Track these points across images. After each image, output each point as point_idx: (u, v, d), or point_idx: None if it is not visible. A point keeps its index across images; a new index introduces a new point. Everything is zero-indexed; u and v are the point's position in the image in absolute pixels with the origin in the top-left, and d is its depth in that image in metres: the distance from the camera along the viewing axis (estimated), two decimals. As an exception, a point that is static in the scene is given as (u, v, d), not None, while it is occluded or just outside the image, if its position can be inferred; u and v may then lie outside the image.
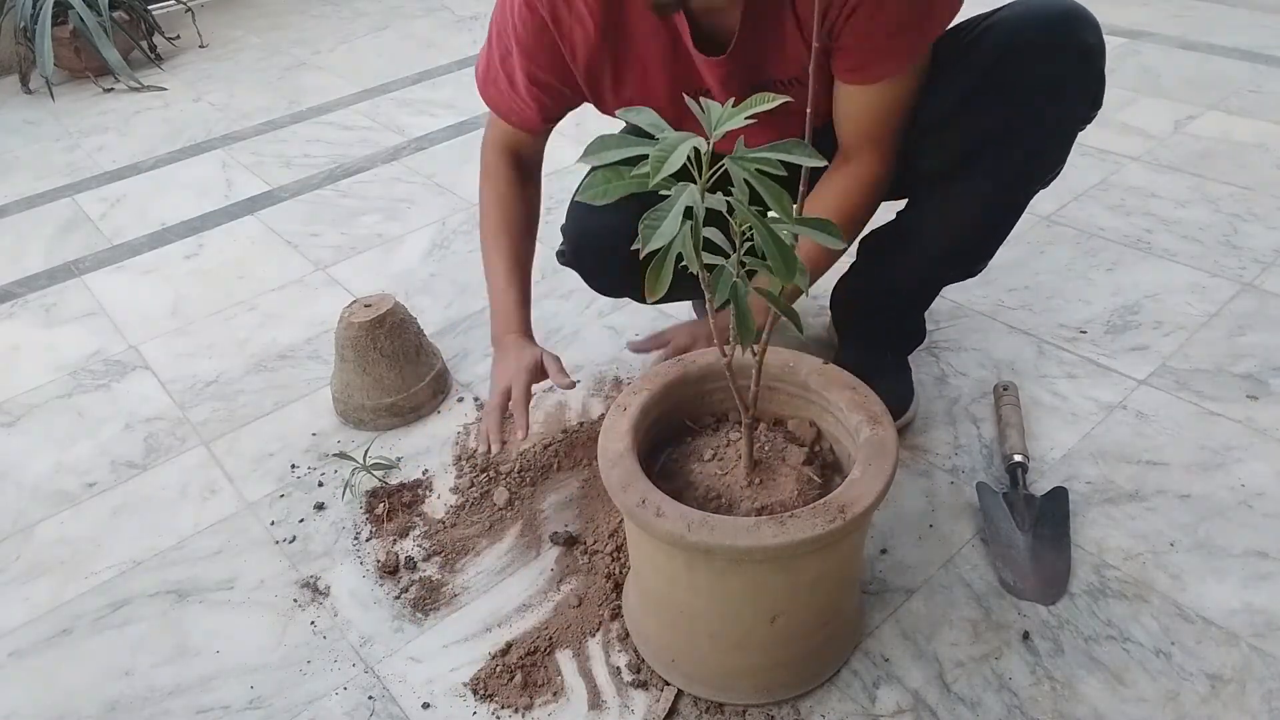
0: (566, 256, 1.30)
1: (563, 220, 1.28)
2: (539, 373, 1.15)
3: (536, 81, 1.10)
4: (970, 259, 1.22)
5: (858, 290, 1.29)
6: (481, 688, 1.01)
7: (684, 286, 0.78)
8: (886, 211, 1.20)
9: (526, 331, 1.21)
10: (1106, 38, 1.02)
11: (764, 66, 1.03)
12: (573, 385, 1.14)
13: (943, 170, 1.09)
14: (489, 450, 1.12)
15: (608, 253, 1.13)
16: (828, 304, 1.41)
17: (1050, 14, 1.01)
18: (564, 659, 1.04)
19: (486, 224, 1.24)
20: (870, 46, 0.98)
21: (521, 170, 1.24)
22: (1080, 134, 1.08)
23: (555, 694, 1.01)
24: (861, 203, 1.10)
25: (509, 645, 1.06)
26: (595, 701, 0.99)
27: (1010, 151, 1.06)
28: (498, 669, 1.03)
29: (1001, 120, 1.04)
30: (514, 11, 1.06)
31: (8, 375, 1.61)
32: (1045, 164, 1.10)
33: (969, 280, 1.30)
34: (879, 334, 1.31)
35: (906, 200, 1.19)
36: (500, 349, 1.20)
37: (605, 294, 1.35)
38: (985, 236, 1.18)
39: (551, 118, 1.17)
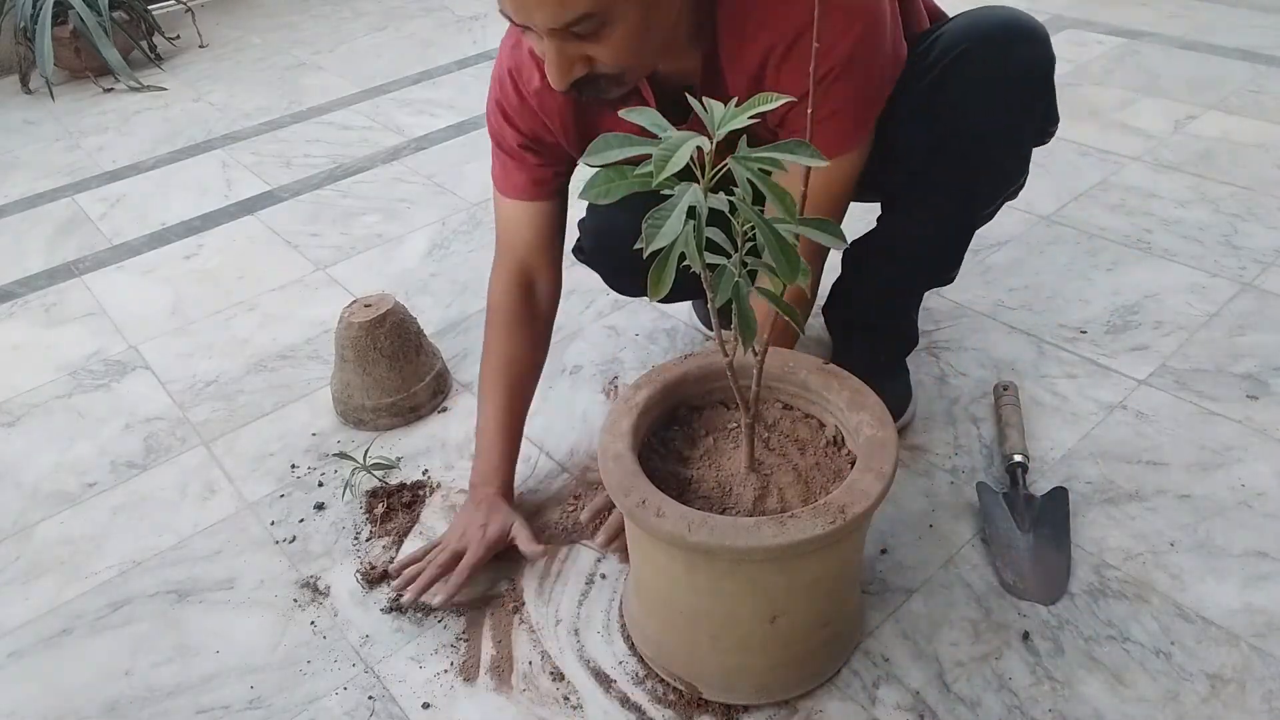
0: (585, 254, 1.29)
1: (582, 216, 1.27)
2: (500, 546, 1.11)
3: (530, 146, 1.10)
4: (936, 269, 1.22)
5: (845, 298, 1.30)
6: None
7: (686, 287, 0.78)
8: (870, 213, 1.20)
9: (506, 491, 1.17)
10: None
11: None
12: (542, 554, 1.11)
13: (904, 184, 1.10)
14: (406, 599, 1.08)
15: (627, 252, 1.12)
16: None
17: (990, 27, 1.00)
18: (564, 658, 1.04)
19: (487, 363, 1.20)
20: (826, 118, 0.95)
21: (531, 306, 1.19)
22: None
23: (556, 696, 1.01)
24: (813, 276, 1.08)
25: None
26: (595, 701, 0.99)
27: (954, 170, 1.06)
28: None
29: (946, 137, 1.03)
30: (500, 99, 1.08)
31: (8, 375, 1.61)
32: (995, 180, 1.10)
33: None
34: (871, 340, 1.31)
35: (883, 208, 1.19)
36: (474, 501, 1.15)
37: (624, 293, 1.35)
38: (945, 249, 1.18)
39: (560, 173, 1.14)
